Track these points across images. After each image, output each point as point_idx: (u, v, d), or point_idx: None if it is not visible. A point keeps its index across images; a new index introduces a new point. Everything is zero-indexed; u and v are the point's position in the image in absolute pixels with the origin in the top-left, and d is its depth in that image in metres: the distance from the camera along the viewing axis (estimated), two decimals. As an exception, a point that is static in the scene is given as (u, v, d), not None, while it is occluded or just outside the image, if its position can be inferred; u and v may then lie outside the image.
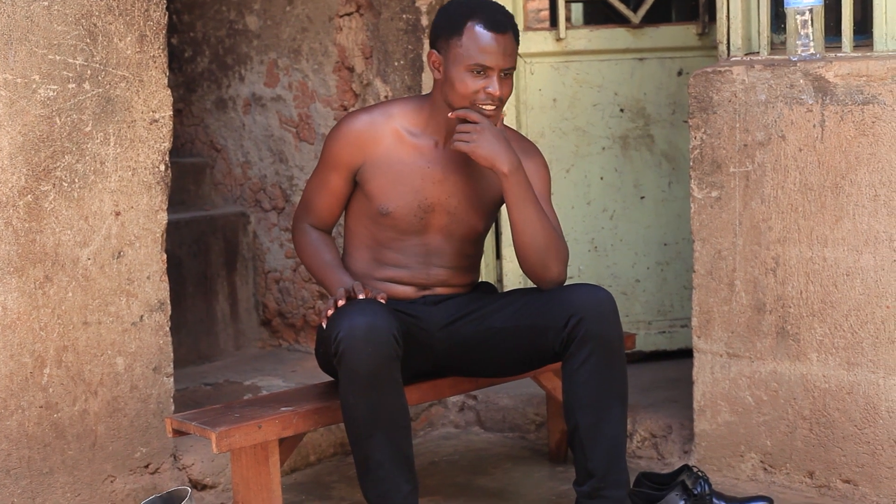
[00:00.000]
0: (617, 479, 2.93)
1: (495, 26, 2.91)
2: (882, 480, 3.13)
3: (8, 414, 2.94)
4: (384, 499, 2.84)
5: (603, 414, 2.91)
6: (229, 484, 3.36)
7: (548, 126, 4.10)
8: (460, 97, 2.94)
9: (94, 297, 3.08)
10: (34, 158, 2.95)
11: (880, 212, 3.06)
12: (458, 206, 3.08)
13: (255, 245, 4.46)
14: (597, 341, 2.88)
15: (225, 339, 4.39)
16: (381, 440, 2.80)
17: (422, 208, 3.04)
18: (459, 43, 2.92)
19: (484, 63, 2.91)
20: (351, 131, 3.04)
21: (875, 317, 3.09)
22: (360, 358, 2.75)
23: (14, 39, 2.89)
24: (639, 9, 4.10)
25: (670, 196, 4.12)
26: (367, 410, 2.78)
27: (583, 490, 2.95)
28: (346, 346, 2.75)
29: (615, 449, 2.93)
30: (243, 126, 4.45)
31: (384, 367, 2.77)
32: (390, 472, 2.82)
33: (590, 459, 2.91)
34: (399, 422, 2.83)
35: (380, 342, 2.75)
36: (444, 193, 3.06)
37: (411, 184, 3.03)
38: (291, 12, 4.25)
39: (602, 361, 2.89)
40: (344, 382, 2.80)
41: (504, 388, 3.76)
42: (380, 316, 2.77)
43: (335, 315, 2.84)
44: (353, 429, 2.83)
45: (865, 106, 3.06)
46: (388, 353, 2.76)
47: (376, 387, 2.77)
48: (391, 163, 3.02)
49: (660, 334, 4.19)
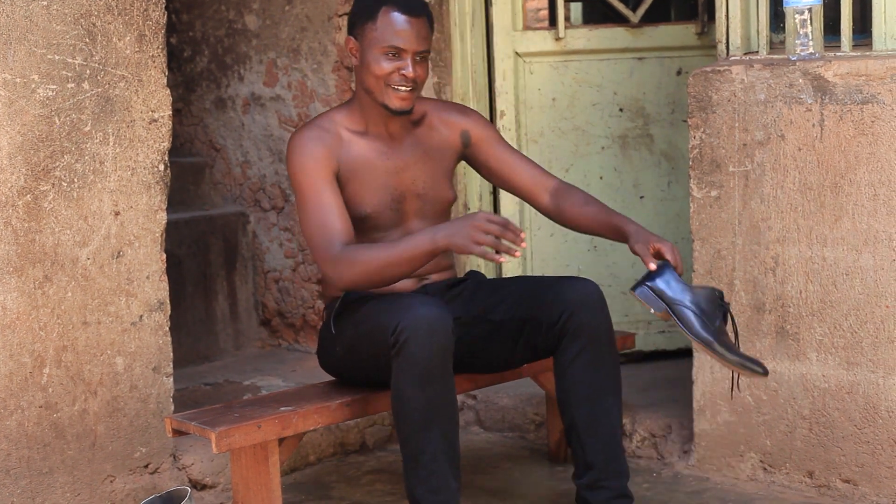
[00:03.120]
0: (616, 470, 2.97)
1: (409, 10, 2.97)
2: (882, 480, 3.13)
3: (7, 414, 2.94)
4: (434, 494, 2.80)
5: (598, 406, 2.95)
6: (229, 484, 3.36)
7: (547, 125, 4.10)
8: (375, 79, 2.98)
9: (94, 297, 3.08)
10: (33, 158, 2.95)
11: (880, 211, 3.06)
12: (425, 185, 3.11)
13: (255, 245, 4.46)
14: (588, 335, 2.94)
15: (224, 338, 4.39)
16: (436, 434, 2.78)
17: (395, 201, 3.07)
18: (374, 27, 2.97)
19: (398, 45, 2.96)
20: (313, 142, 3.00)
21: (875, 316, 3.09)
22: (424, 349, 2.73)
23: (13, 39, 2.89)
24: (638, 8, 4.09)
25: (670, 195, 4.12)
26: (424, 403, 2.76)
27: (583, 482, 2.98)
28: (408, 337, 2.73)
29: (613, 440, 2.97)
30: (242, 126, 4.45)
31: (444, 359, 2.76)
32: (442, 467, 2.80)
33: (588, 452, 2.95)
34: (453, 416, 2.82)
35: (442, 333, 2.75)
36: (408, 180, 3.09)
37: (378, 182, 3.05)
38: (290, 12, 4.24)
39: (594, 354, 2.95)
40: (402, 375, 2.77)
41: (504, 387, 3.76)
42: (439, 307, 2.78)
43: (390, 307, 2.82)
44: (408, 422, 2.79)
45: (865, 105, 3.06)
46: (448, 345, 2.76)
47: (435, 379, 2.76)
48: (355, 167, 3.03)
49: (659, 334, 4.19)
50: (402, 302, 2.81)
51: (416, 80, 2.98)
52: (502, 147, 3.21)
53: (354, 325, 2.97)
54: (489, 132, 3.21)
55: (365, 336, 2.93)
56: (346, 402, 3.06)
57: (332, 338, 3.05)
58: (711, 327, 2.83)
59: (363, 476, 3.57)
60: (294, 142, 3.02)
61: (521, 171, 3.19)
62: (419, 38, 2.98)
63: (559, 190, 3.16)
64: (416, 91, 3.01)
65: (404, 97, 2.99)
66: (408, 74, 2.96)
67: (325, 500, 3.39)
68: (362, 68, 3.02)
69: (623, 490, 2.98)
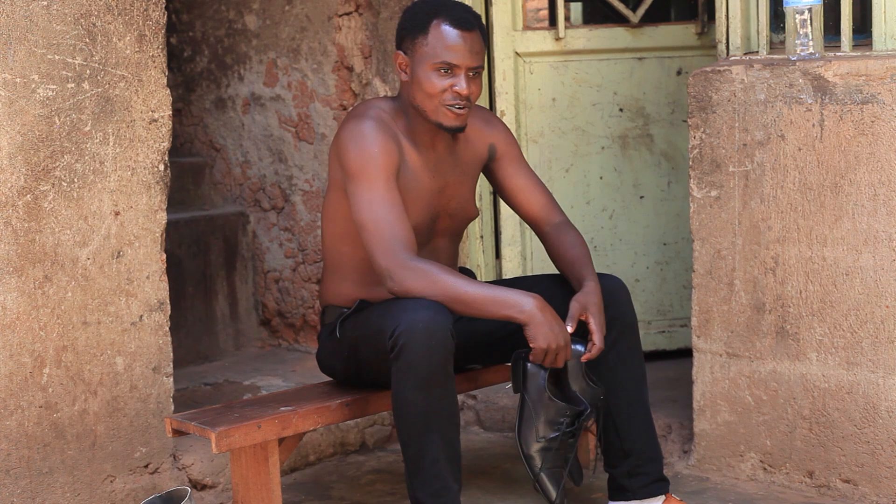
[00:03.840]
0: (653, 455, 3.04)
1: (461, 24, 2.88)
2: (882, 480, 3.13)
3: (7, 414, 2.94)
4: (435, 497, 2.79)
5: (634, 394, 3.02)
6: (229, 484, 3.36)
7: (547, 125, 4.10)
8: (427, 97, 2.89)
9: (94, 297, 3.08)
10: (33, 158, 2.95)
11: (879, 211, 3.06)
12: (457, 206, 3.08)
13: (255, 245, 4.46)
14: (620, 326, 2.99)
15: (224, 338, 4.39)
16: (436, 437, 2.77)
17: (431, 220, 3.03)
18: (426, 41, 2.88)
19: (450, 61, 2.87)
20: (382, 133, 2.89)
21: (874, 316, 3.09)
22: (421, 353, 2.71)
23: (13, 39, 2.89)
24: (638, 8, 4.10)
25: (670, 195, 4.12)
26: (424, 406, 2.74)
27: (620, 470, 3.03)
28: (406, 341, 2.70)
29: (648, 427, 3.04)
30: (242, 126, 4.45)
31: (443, 362, 2.74)
32: (443, 470, 2.79)
33: (625, 440, 3.01)
34: (453, 419, 2.80)
35: (440, 336, 2.72)
36: (444, 199, 3.05)
37: (424, 200, 2.99)
38: (290, 12, 4.24)
39: (627, 344, 3.01)
40: (401, 378, 2.75)
41: (504, 387, 3.75)
42: (438, 310, 2.74)
43: (388, 310, 2.79)
44: (408, 425, 2.77)
45: (864, 105, 3.06)
46: (447, 347, 2.74)
47: (435, 382, 2.74)
48: (407, 179, 2.95)
49: (659, 334, 4.19)
50: (400, 305, 2.77)
51: (470, 96, 2.90)
52: (521, 169, 3.15)
53: (355, 329, 2.96)
54: (512, 149, 3.14)
55: (365, 340, 2.91)
56: (346, 402, 3.06)
57: (336, 342, 3.04)
58: (536, 435, 2.93)
59: (363, 476, 3.57)
60: (354, 127, 2.90)
61: (532, 201, 3.14)
62: (472, 53, 2.88)
63: (559, 227, 3.13)
64: (470, 108, 2.92)
65: (459, 114, 2.91)
66: (461, 91, 2.87)
67: (325, 500, 3.39)
68: (413, 84, 2.91)
69: (660, 474, 3.05)
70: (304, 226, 4.32)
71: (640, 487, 3.02)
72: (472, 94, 2.90)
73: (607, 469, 3.06)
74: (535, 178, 3.17)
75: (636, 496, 3.03)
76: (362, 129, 2.89)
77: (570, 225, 3.14)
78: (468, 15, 2.92)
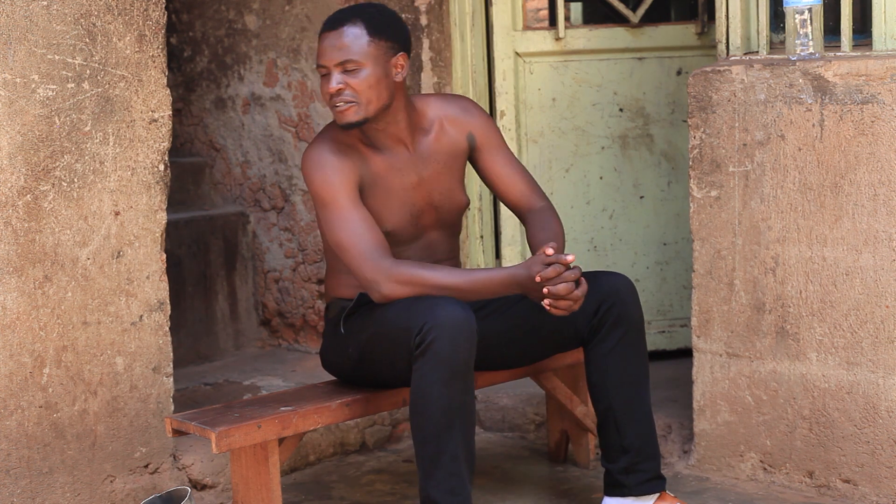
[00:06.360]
0: (651, 453, 3.05)
1: (328, 25, 2.93)
2: (882, 480, 3.13)
3: (7, 414, 2.94)
4: (453, 495, 2.78)
5: (635, 392, 3.04)
6: (229, 484, 3.36)
7: (547, 125, 4.10)
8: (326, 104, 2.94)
9: (94, 297, 3.08)
10: (33, 158, 2.95)
11: (879, 211, 3.06)
12: (441, 196, 3.09)
13: (255, 245, 4.46)
14: (627, 324, 3.01)
15: (224, 338, 4.39)
16: (457, 433, 2.77)
17: (413, 216, 3.05)
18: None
19: (320, 62, 2.92)
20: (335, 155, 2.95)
21: (875, 316, 3.09)
22: (452, 348, 2.72)
23: (13, 39, 2.89)
24: (638, 8, 4.10)
25: (670, 195, 4.13)
26: (448, 402, 2.74)
27: (617, 466, 3.04)
28: (436, 336, 2.71)
29: (649, 424, 3.06)
30: (242, 126, 4.45)
31: (469, 358, 2.76)
32: (461, 468, 2.78)
33: (625, 437, 3.02)
34: (471, 418, 2.82)
35: (468, 332, 2.74)
36: (424, 192, 3.06)
37: (398, 199, 3.02)
38: (290, 12, 4.25)
39: (632, 343, 3.03)
40: (427, 373, 2.74)
41: (504, 387, 3.76)
42: (463, 306, 2.77)
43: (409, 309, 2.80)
44: (430, 422, 2.76)
45: (864, 105, 3.06)
46: (473, 344, 2.76)
47: (460, 378, 2.75)
48: (375, 182, 2.99)
49: (659, 334, 4.19)
50: (424, 302, 2.79)
51: (346, 92, 2.89)
52: (501, 156, 3.17)
53: (370, 327, 2.95)
54: (491, 137, 3.16)
55: (382, 337, 2.90)
56: (346, 402, 3.06)
57: (340, 338, 3.05)
58: None
59: (363, 476, 3.57)
60: (312, 156, 2.96)
61: (513, 188, 3.17)
62: (334, 49, 2.89)
63: (539, 212, 3.14)
64: (358, 102, 2.90)
65: (343, 111, 2.91)
66: (330, 90, 2.89)
67: (325, 500, 3.39)
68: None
69: (657, 472, 3.06)
70: (304, 226, 4.32)
71: (636, 484, 3.03)
72: (349, 90, 2.90)
73: (605, 464, 3.07)
74: (516, 164, 3.19)
75: (632, 492, 3.04)
76: (320, 157, 2.95)
77: (550, 210, 3.15)
78: (343, 14, 2.94)
